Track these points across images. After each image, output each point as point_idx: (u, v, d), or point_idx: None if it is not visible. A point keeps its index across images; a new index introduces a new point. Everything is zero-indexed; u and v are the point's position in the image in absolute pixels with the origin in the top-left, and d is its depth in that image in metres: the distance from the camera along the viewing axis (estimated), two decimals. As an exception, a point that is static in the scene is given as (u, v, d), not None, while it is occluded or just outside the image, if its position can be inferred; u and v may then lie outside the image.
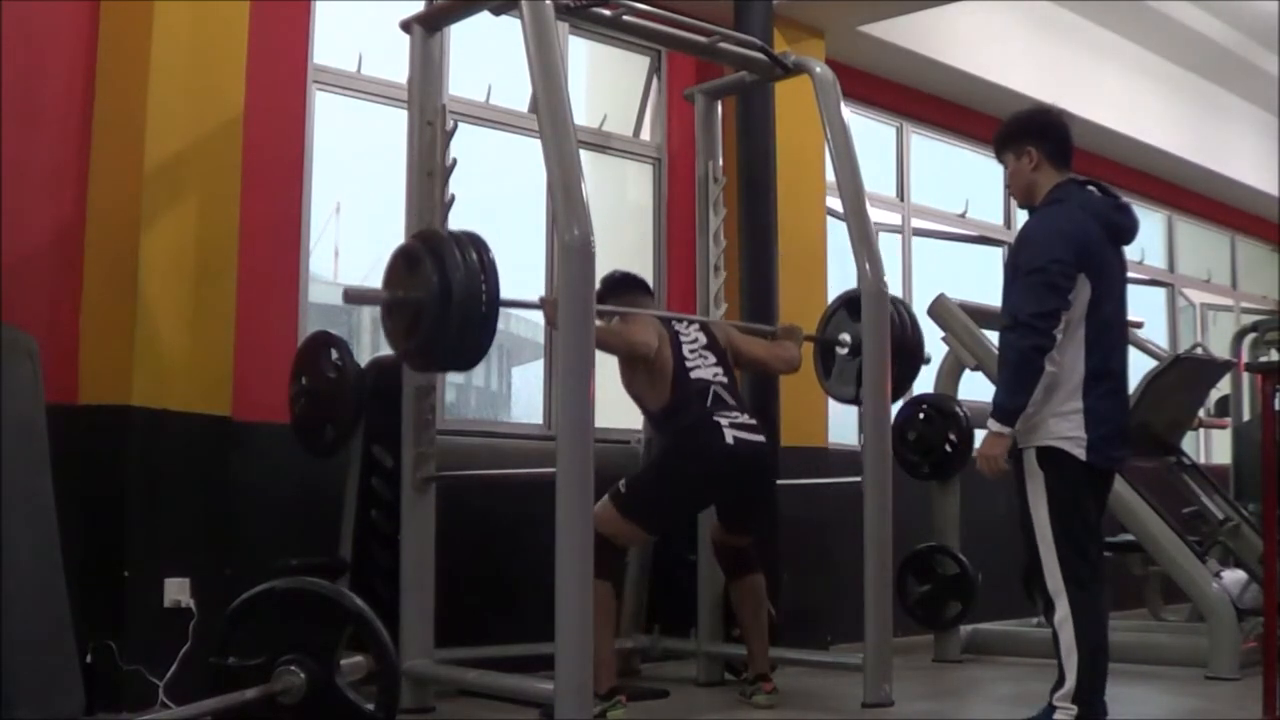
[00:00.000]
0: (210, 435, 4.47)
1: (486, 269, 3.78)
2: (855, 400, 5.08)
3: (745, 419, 4.50)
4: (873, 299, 4.63)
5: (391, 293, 3.90)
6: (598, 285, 4.73)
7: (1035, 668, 5.32)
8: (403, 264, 3.90)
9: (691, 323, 4.78)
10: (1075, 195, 3.78)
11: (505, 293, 3.87)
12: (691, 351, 4.59)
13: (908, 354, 5.00)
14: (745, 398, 4.75)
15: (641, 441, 5.36)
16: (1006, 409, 3.60)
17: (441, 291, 3.73)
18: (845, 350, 5.15)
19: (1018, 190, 3.90)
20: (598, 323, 3.99)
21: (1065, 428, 3.61)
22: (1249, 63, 9.65)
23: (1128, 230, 3.82)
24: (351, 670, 3.17)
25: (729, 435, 4.39)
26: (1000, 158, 3.92)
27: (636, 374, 4.55)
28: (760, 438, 4.50)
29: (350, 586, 4.31)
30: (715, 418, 4.42)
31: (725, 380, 4.59)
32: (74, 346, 4.37)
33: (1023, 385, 3.57)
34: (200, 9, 4.52)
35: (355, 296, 3.96)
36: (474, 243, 3.83)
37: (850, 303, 5.12)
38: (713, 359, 4.61)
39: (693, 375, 4.52)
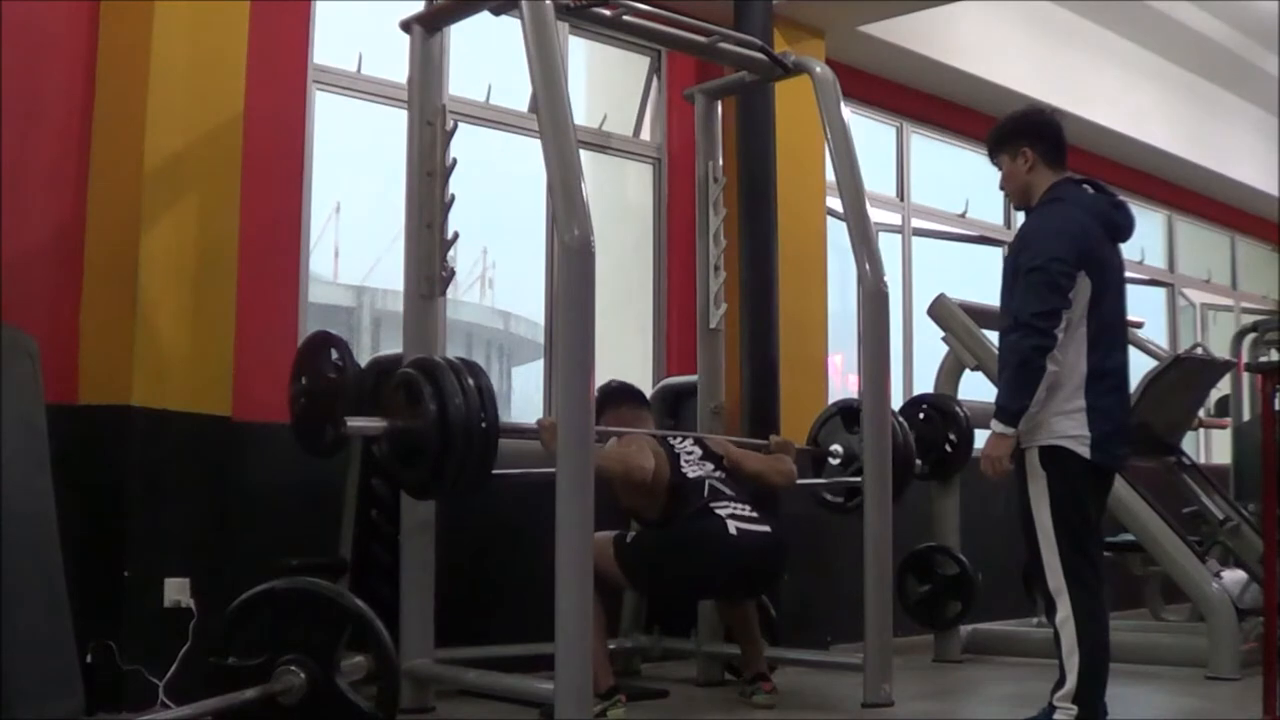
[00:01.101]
0: (210, 435, 4.47)
1: (485, 398, 3.78)
2: (843, 509, 5.15)
3: (746, 510, 4.45)
4: (872, 299, 4.62)
5: (391, 422, 3.89)
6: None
7: (1035, 668, 5.32)
8: (402, 393, 3.88)
9: (687, 437, 4.78)
10: (1072, 194, 3.78)
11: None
12: (687, 460, 4.58)
13: (899, 465, 4.85)
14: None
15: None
16: (1010, 410, 3.60)
17: (441, 422, 3.72)
18: (837, 461, 5.20)
19: (1013, 191, 3.89)
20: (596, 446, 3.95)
21: (1068, 426, 3.61)
22: (1249, 63, 9.66)
23: (1125, 228, 3.83)
24: (351, 670, 3.17)
25: (732, 526, 4.35)
26: (994, 159, 3.91)
27: (632, 492, 4.51)
28: (765, 528, 4.44)
29: (350, 586, 4.31)
30: (716, 509, 4.39)
31: (722, 475, 4.57)
32: (74, 346, 4.37)
33: (1025, 386, 3.57)
34: (200, 9, 4.52)
35: (355, 429, 3.96)
36: (471, 371, 3.83)
37: (845, 412, 5.21)
38: (710, 466, 4.60)
39: (689, 476, 4.51)
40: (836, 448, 5.20)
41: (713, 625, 5.19)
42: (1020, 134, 3.85)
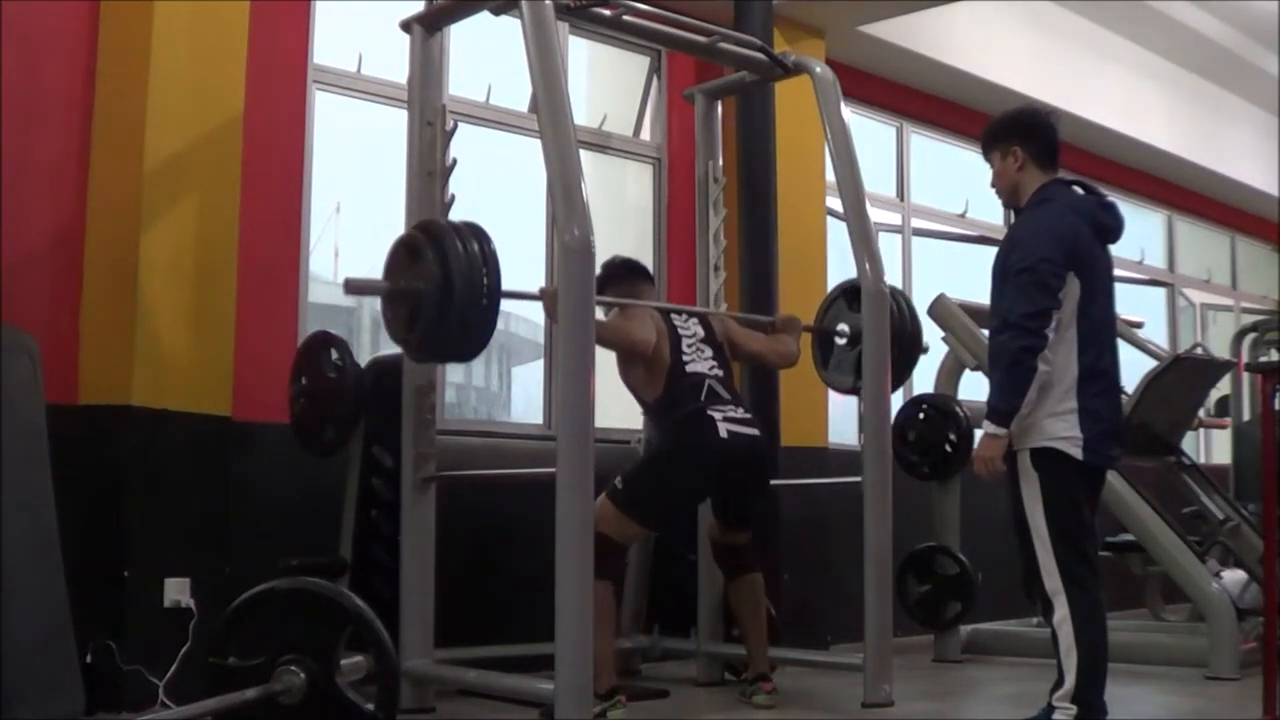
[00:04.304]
0: (210, 435, 4.47)
1: (488, 260, 3.77)
2: (852, 390, 5.06)
3: (740, 413, 4.51)
4: (872, 298, 4.62)
5: (393, 283, 3.90)
6: (599, 271, 4.78)
7: (1035, 668, 5.31)
8: (404, 254, 3.90)
9: (690, 315, 4.78)
10: (1062, 195, 3.78)
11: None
12: (689, 346, 4.60)
13: (906, 344, 4.95)
14: (742, 392, 4.75)
15: (641, 441, 5.34)
16: (1002, 411, 3.59)
17: (443, 282, 3.72)
18: (844, 341, 5.13)
19: (1002, 189, 3.89)
20: (598, 316, 3.98)
21: (1060, 428, 3.61)
22: (1249, 63, 9.66)
23: (1114, 229, 3.82)
24: (351, 670, 3.16)
25: (723, 429, 4.40)
26: (986, 156, 3.91)
27: (633, 366, 4.57)
28: (755, 431, 4.51)
29: (350, 586, 4.31)
30: (709, 412, 4.43)
31: (720, 374, 4.61)
32: (74, 346, 4.37)
33: (1017, 387, 3.56)
34: (200, 9, 4.52)
35: (356, 287, 3.95)
36: (475, 234, 3.82)
37: (849, 292, 5.10)
38: (709, 353, 4.63)
39: (688, 369, 4.53)
40: (843, 327, 5.13)
41: (713, 625, 5.19)
42: (1012, 133, 3.85)
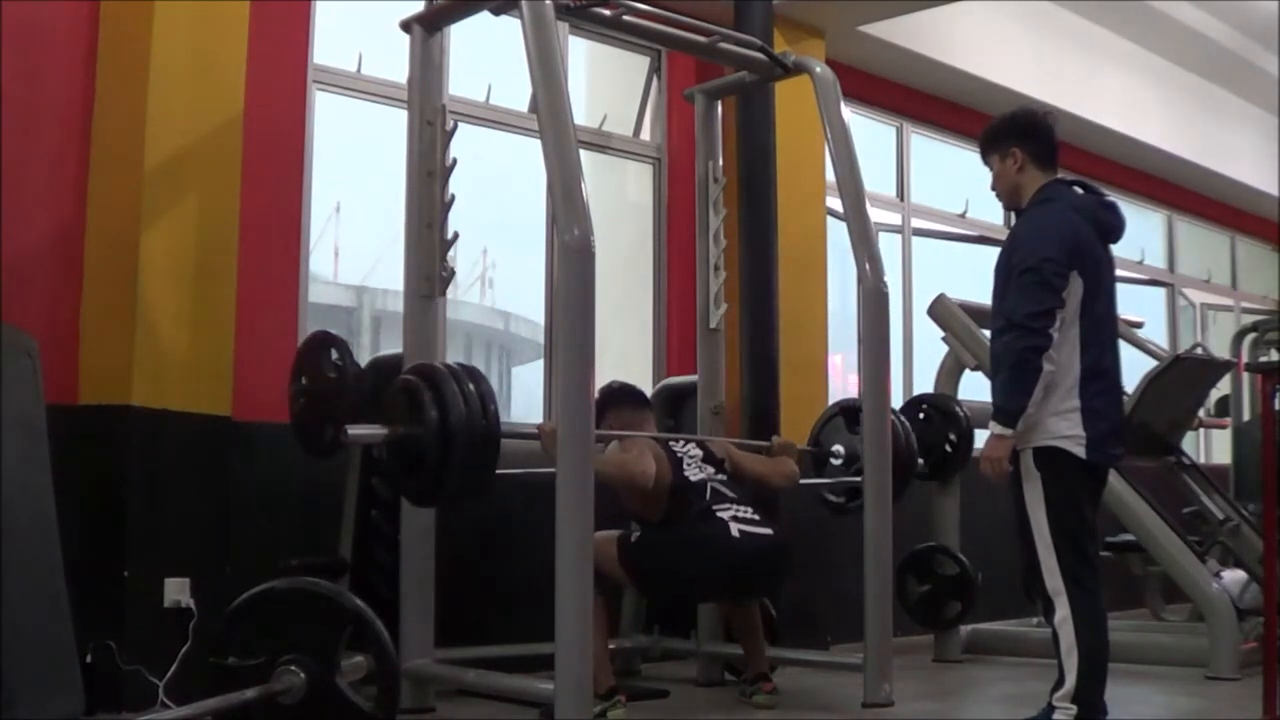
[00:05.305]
0: (210, 435, 4.48)
1: (485, 403, 3.75)
2: (843, 510, 5.17)
3: (749, 513, 4.47)
4: (872, 299, 4.62)
5: (392, 430, 3.87)
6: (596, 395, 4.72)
7: (1035, 668, 5.32)
8: (403, 400, 3.86)
9: (689, 440, 4.77)
10: (1063, 195, 3.78)
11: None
12: (689, 463, 4.58)
13: (901, 466, 4.87)
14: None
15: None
16: (1008, 410, 3.60)
17: (441, 428, 3.69)
18: (839, 462, 5.19)
19: (1003, 191, 3.89)
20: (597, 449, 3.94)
21: (1063, 426, 3.61)
22: (1249, 63, 9.66)
23: (1115, 229, 3.83)
24: (351, 670, 3.17)
25: (734, 529, 4.37)
26: (985, 160, 3.91)
27: (634, 496, 4.52)
28: (767, 530, 4.46)
29: (350, 586, 4.32)
30: (718, 513, 4.41)
31: (724, 479, 4.58)
32: (74, 346, 4.37)
33: (1022, 386, 3.57)
34: (200, 9, 4.52)
35: (355, 438, 3.95)
36: (472, 376, 3.80)
37: (846, 412, 5.19)
38: (711, 469, 4.61)
39: (691, 479, 4.51)
40: (838, 448, 5.20)
41: (713, 625, 5.19)
42: (1009, 134, 3.85)
